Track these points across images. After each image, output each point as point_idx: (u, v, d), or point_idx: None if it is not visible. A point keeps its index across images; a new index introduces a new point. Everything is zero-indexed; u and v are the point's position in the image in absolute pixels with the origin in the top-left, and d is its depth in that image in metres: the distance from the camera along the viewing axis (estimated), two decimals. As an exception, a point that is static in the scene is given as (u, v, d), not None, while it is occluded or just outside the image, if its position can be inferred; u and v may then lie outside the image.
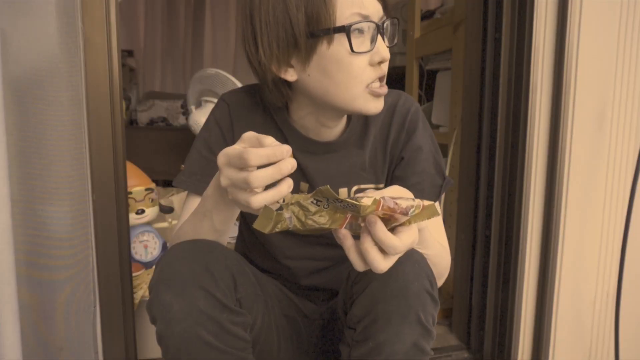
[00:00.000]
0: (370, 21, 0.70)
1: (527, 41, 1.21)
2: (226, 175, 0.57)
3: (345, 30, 0.68)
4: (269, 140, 0.57)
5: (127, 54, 3.71)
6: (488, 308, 1.39)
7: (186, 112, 2.10)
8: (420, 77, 2.02)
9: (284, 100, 0.80)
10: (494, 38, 1.33)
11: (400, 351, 0.65)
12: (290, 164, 0.55)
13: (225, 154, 0.57)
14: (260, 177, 0.54)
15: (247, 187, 0.55)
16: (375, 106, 0.75)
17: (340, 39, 0.69)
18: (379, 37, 0.71)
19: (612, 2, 1.18)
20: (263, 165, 0.55)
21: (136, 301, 1.30)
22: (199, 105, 2.02)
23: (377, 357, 0.66)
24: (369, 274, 0.67)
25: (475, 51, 1.38)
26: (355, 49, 0.69)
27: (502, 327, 1.35)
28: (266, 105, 0.84)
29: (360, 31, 0.70)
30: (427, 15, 1.98)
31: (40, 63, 0.86)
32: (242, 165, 0.55)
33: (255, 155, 0.54)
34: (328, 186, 0.52)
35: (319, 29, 0.69)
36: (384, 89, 0.75)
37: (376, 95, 0.74)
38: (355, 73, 0.71)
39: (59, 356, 0.93)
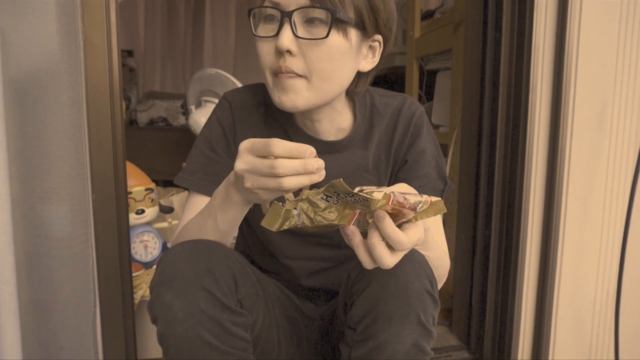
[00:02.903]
0: (271, 6, 0.70)
1: (527, 41, 1.21)
2: (245, 160, 0.58)
3: (249, 14, 0.73)
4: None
5: (127, 54, 3.71)
6: (488, 308, 1.39)
7: (186, 112, 2.11)
8: (420, 77, 2.02)
9: None
10: (494, 38, 1.33)
11: (401, 351, 0.65)
12: (316, 163, 0.56)
13: (250, 140, 0.59)
14: (285, 165, 0.55)
15: (270, 173, 0.56)
16: (278, 96, 0.73)
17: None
18: (286, 25, 0.69)
19: (612, 2, 1.18)
20: None
21: (136, 301, 1.30)
22: (199, 105, 2.02)
23: (377, 357, 0.66)
24: (370, 274, 0.67)
25: (475, 51, 1.39)
26: (255, 32, 0.73)
27: (502, 327, 1.35)
28: (269, 104, 0.84)
29: (271, 17, 0.71)
30: (427, 15, 1.98)
31: (40, 63, 0.86)
32: (265, 152, 0.56)
33: (281, 145, 0.56)
34: (341, 179, 0.52)
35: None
36: (285, 80, 0.71)
37: (276, 84, 0.72)
38: (261, 58, 0.73)
39: (59, 356, 0.93)
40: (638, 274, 1.30)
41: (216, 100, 1.91)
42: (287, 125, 0.83)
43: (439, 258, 0.75)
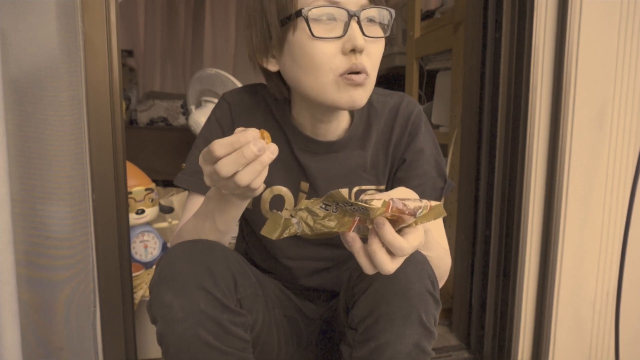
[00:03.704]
0: (332, 6, 0.68)
1: (527, 41, 1.21)
2: (205, 172, 0.59)
3: (303, 14, 0.68)
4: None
5: (127, 54, 3.71)
6: (488, 308, 1.39)
7: (186, 112, 2.11)
8: (420, 77, 2.02)
9: (282, 94, 0.81)
10: (494, 38, 1.33)
11: (402, 352, 0.65)
12: (255, 147, 0.56)
13: (202, 153, 0.59)
14: (224, 164, 0.56)
15: (219, 178, 0.57)
16: (349, 96, 0.70)
17: (303, 25, 0.69)
18: (354, 24, 0.68)
19: (612, 2, 1.18)
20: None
21: (136, 301, 1.30)
22: (199, 105, 2.02)
23: (379, 358, 0.66)
24: (371, 275, 0.67)
25: (475, 51, 1.38)
26: (316, 34, 0.68)
27: (502, 327, 1.35)
28: (268, 104, 0.84)
29: (331, 17, 0.69)
30: (427, 15, 1.98)
31: (40, 63, 0.86)
32: (210, 158, 0.57)
33: (219, 145, 0.56)
34: (339, 190, 0.52)
35: (285, 16, 0.70)
36: (359, 78, 0.69)
37: (349, 83, 0.69)
38: (319, 59, 0.69)
39: (59, 356, 0.93)
40: (638, 274, 1.30)
41: (216, 100, 1.91)
42: (285, 125, 0.83)
43: (440, 257, 0.75)
